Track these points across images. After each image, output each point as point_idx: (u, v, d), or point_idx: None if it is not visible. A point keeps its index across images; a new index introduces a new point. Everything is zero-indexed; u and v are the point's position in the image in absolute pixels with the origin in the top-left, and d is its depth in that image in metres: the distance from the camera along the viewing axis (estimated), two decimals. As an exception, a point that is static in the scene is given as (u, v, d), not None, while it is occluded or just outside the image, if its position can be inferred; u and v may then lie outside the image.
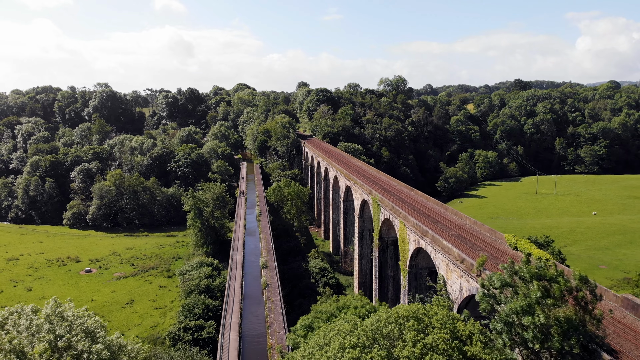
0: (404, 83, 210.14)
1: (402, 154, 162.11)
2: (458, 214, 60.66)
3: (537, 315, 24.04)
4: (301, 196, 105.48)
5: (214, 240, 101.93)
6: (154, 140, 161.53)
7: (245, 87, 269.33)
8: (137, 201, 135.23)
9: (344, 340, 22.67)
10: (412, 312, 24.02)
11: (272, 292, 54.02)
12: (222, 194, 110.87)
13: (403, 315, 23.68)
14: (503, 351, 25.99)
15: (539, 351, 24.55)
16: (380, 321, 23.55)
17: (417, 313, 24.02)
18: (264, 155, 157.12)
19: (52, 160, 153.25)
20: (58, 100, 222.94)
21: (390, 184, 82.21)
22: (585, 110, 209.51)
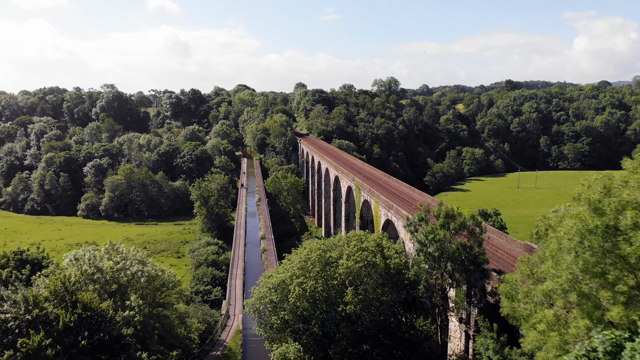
0: (397, 84, 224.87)
1: (393, 150, 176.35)
2: (422, 194, 74.97)
3: (438, 233, 38.12)
4: (296, 186, 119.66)
5: (218, 226, 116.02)
6: (160, 138, 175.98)
7: (245, 88, 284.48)
8: (146, 193, 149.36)
9: (312, 247, 37.00)
10: (356, 234, 38.31)
11: (269, 255, 68.20)
12: (225, 185, 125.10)
13: (350, 235, 37.95)
14: (420, 264, 40.06)
15: (439, 258, 38.57)
16: (335, 239, 37.84)
17: (359, 235, 38.30)
18: (263, 151, 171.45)
19: (65, 156, 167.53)
20: (66, 101, 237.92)
21: (372, 173, 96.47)
22: (569, 110, 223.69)
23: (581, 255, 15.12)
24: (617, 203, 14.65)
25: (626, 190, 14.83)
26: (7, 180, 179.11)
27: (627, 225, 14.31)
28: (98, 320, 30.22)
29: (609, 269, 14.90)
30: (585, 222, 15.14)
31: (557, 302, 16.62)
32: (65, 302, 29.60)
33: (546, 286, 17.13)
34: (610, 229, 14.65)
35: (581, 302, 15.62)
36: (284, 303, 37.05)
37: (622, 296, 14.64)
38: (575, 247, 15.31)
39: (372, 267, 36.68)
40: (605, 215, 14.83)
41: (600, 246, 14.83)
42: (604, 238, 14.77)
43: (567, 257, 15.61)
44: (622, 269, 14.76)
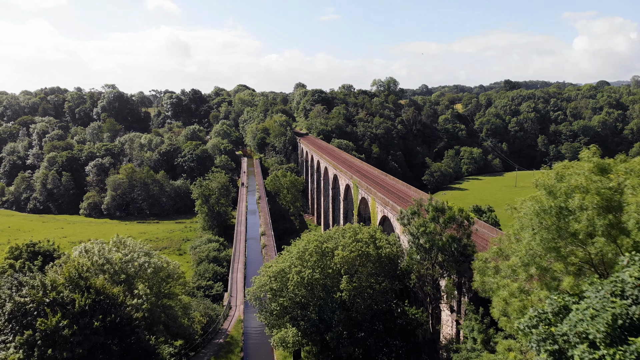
0: (395, 84, 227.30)
1: (391, 150, 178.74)
2: (418, 191, 77.32)
3: (429, 226, 40.51)
4: (296, 185, 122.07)
5: (219, 224, 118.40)
6: (161, 137, 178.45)
7: (245, 88, 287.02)
8: (148, 192, 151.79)
9: (309, 239, 39.43)
10: (351, 227, 40.75)
11: (269, 250, 70.58)
12: (226, 184, 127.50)
13: (345, 227, 40.37)
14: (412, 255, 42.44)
15: (430, 250, 40.96)
16: (331, 231, 40.25)
17: (354, 227, 40.74)
18: (263, 151, 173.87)
19: (67, 156, 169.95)
20: (68, 101, 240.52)
21: (369, 172, 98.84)
22: (567, 110, 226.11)
23: (538, 233, 17.50)
24: (566, 187, 17.03)
25: (575, 176, 17.20)
26: (10, 179, 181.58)
27: (575, 206, 16.67)
28: (110, 304, 32.64)
29: (562, 244, 17.28)
30: (541, 204, 17.54)
31: (520, 275, 19.01)
32: (79, 287, 32.01)
33: (511, 261, 19.56)
34: (562, 210, 17.03)
35: (540, 274, 18.01)
36: (283, 290, 39.46)
37: (573, 267, 17.00)
38: (533, 226, 17.70)
39: (365, 256, 39.10)
40: (557, 198, 17.23)
41: (553, 224, 17.21)
42: (557, 217, 17.16)
43: (526, 234, 18.00)
44: (572, 244, 17.13)
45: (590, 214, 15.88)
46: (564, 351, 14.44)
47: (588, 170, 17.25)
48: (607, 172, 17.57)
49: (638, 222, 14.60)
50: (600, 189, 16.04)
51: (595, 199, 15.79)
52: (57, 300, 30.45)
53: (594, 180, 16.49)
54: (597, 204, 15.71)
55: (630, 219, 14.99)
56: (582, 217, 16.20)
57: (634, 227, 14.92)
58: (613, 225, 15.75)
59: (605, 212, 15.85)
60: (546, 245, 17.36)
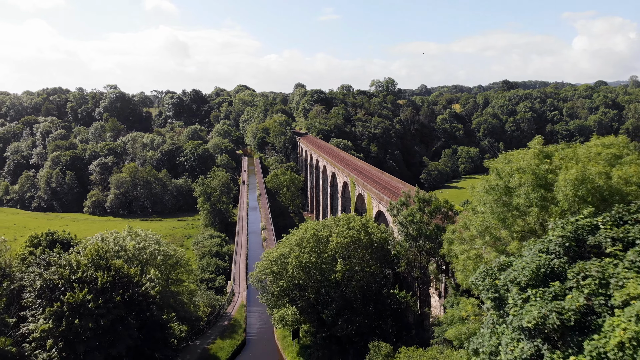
0: (394, 84, 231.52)
1: (390, 149, 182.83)
2: (412, 187, 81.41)
3: (416, 216, 44.58)
4: (295, 183, 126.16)
5: (220, 221, 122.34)
6: (163, 137, 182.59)
7: (246, 88, 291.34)
8: (150, 190, 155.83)
9: (307, 227, 43.55)
10: (345, 216, 44.84)
11: (270, 243, 74.66)
12: (227, 182, 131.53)
13: (340, 217, 44.45)
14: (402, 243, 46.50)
15: (417, 237, 45.00)
16: (327, 220, 44.32)
17: (347, 217, 44.84)
18: (263, 150, 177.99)
19: (71, 155, 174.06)
20: (70, 101, 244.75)
21: (366, 169, 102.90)
22: (563, 109, 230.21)
23: (489, 207, 21.53)
24: (509, 169, 21.06)
25: (517, 160, 21.26)
26: (14, 178, 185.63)
27: (515, 184, 20.71)
28: (127, 282, 36.70)
29: (507, 215, 21.29)
30: (490, 183, 21.58)
31: (477, 242, 23.03)
32: (100, 266, 36.08)
33: (470, 232, 23.57)
34: (507, 187, 21.08)
35: (493, 242, 22.02)
36: (283, 274, 43.54)
37: (516, 234, 21.02)
38: (485, 201, 21.73)
39: (357, 242, 43.17)
40: (502, 178, 21.27)
41: (500, 199, 21.24)
42: (503, 194, 21.18)
43: (481, 208, 22.02)
44: (515, 215, 21.16)
45: (527, 189, 19.93)
46: (503, 298, 18.59)
47: (532, 156, 21.31)
48: (550, 157, 21.63)
49: (564, 194, 18.63)
50: (535, 170, 20.06)
51: (530, 177, 19.81)
52: (82, 277, 34.52)
53: (531, 163, 20.55)
54: (532, 181, 19.75)
55: (559, 192, 18.99)
56: (521, 192, 20.26)
57: (562, 199, 18.94)
58: (545, 198, 19.78)
59: (539, 187, 19.86)
60: (496, 217, 21.41)
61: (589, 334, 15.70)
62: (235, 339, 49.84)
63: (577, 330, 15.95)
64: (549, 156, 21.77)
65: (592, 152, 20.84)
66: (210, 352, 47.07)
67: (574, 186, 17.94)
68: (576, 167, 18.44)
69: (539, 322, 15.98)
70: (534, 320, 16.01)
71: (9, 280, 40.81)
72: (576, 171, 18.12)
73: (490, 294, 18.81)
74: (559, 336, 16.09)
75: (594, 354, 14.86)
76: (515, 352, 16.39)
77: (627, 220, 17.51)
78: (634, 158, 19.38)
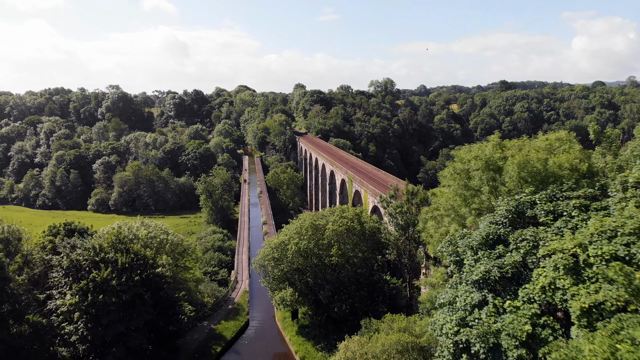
0: (392, 85, 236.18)
1: (388, 149, 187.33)
2: (400, 181, 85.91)
3: (404, 207, 49.09)
4: (295, 180, 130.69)
5: (222, 218, 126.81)
6: (165, 136, 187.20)
7: (246, 88, 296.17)
8: (153, 189, 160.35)
9: (305, 218, 48.12)
10: (339, 207, 49.41)
11: (270, 236, 79.06)
12: (228, 180, 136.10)
13: (335, 208, 49.02)
14: (390, 231, 51.03)
15: (406, 227, 49.48)
16: (324, 211, 48.87)
17: (342, 208, 49.42)
18: (264, 149, 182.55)
19: (75, 154, 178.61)
20: (73, 101, 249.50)
21: (363, 167, 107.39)
22: (560, 109, 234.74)
23: (453, 188, 26.08)
24: (469, 156, 25.64)
25: (475, 150, 25.86)
26: (18, 177, 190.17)
27: (472, 168, 25.26)
28: (144, 264, 41.22)
29: (467, 195, 25.83)
30: (455, 168, 26.13)
31: (445, 220, 27.58)
32: (120, 249, 40.61)
33: (440, 211, 28.12)
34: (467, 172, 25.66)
35: (456, 218, 26.55)
36: (283, 259, 48.04)
37: (474, 211, 25.57)
38: (450, 184, 26.28)
39: (351, 230, 47.70)
40: (464, 164, 25.82)
41: (462, 181, 25.78)
42: (465, 177, 25.73)
43: (446, 190, 26.54)
44: (472, 195, 25.71)
45: (480, 172, 24.50)
46: (462, 260, 23.16)
47: (490, 146, 25.93)
48: (504, 148, 26.27)
49: (510, 176, 23.18)
50: (488, 157, 24.62)
51: (483, 163, 24.38)
52: (104, 258, 39.07)
53: (486, 151, 25.16)
54: (484, 166, 24.34)
55: (507, 174, 23.55)
56: (476, 175, 24.86)
57: (508, 180, 23.47)
58: (495, 179, 24.34)
59: (489, 171, 24.41)
60: (459, 197, 25.95)
61: (522, 283, 20.28)
62: (239, 320, 54.38)
63: (514, 281, 20.54)
64: (504, 147, 26.41)
65: (539, 143, 25.45)
66: (217, 332, 51.57)
67: (518, 169, 22.48)
68: (520, 154, 23.00)
69: (484, 275, 20.56)
70: (481, 274, 20.60)
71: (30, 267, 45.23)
72: (520, 157, 22.67)
73: (452, 257, 23.40)
74: (500, 286, 20.67)
75: (525, 298, 19.41)
76: (467, 300, 20.96)
77: (558, 197, 22.06)
78: (566, 148, 23.92)
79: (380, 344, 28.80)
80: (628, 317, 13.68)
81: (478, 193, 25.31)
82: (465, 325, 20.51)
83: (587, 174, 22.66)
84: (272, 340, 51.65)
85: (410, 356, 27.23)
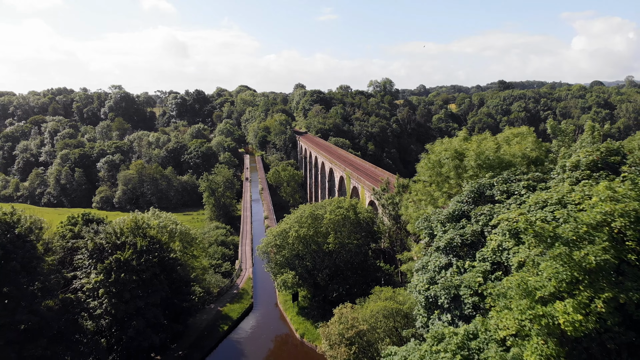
0: (391, 85, 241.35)
1: (386, 148, 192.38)
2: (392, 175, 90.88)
3: (395, 198, 54.08)
4: (295, 178, 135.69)
5: (224, 214, 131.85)
6: (168, 136, 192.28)
7: (247, 88, 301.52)
8: (157, 187, 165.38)
9: (305, 208, 53.15)
10: (336, 199, 54.42)
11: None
12: (230, 178, 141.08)
13: (332, 200, 54.04)
14: (383, 221, 56.03)
15: (397, 217, 54.44)
16: (323, 202, 53.87)
17: (338, 199, 54.42)
18: (264, 148, 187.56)
19: (80, 153, 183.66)
20: (76, 101, 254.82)
21: (361, 164, 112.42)
22: (557, 109, 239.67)
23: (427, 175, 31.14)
24: (439, 148, 30.68)
25: (446, 143, 30.98)
26: (24, 175, 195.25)
27: (442, 158, 30.34)
28: (159, 247, 46.20)
29: (439, 180, 30.86)
30: (428, 159, 31.23)
31: (422, 203, 32.57)
32: (138, 234, 45.59)
33: (418, 196, 33.18)
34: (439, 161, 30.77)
35: (431, 201, 31.56)
36: (284, 245, 53.03)
37: (444, 194, 30.61)
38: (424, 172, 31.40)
39: (347, 219, 52.68)
40: (435, 155, 30.90)
41: (434, 169, 30.82)
42: (437, 165, 30.80)
43: (423, 178, 31.58)
44: (443, 180, 30.76)
45: (448, 161, 29.58)
46: (433, 232, 28.16)
47: (458, 140, 31.01)
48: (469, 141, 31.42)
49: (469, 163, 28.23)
50: (454, 148, 29.70)
51: (450, 153, 29.49)
52: (125, 242, 44.07)
53: (454, 144, 30.24)
54: (451, 155, 29.47)
55: (469, 162, 28.60)
56: (445, 163, 29.95)
57: (469, 166, 28.51)
58: (460, 167, 29.40)
59: (455, 159, 29.44)
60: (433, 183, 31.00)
61: (479, 248, 25.28)
62: (244, 303, 59.36)
63: (473, 247, 25.55)
64: (469, 140, 31.56)
65: (499, 137, 30.53)
66: (223, 313, 56.51)
67: (475, 158, 27.54)
68: (472, 144, 28.09)
69: (449, 242, 25.57)
70: (446, 241, 25.60)
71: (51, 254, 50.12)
72: (476, 148, 27.72)
73: (426, 231, 28.41)
74: (462, 251, 25.67)
75: (480, 259, 24.38)
76: (436, 263, 25.96)
77: (512, 179, 27.06)
78: (520, 140, 28.95)
79: (369, 310, 33.74)
80: (543, 259, 18.52)
81: (447, 179, 30.35)
82: (434, 283, 25.51)
83: (537, 161, 27.65)
84: (275, 320, 56.64)
85: (394, 320, 32.11)
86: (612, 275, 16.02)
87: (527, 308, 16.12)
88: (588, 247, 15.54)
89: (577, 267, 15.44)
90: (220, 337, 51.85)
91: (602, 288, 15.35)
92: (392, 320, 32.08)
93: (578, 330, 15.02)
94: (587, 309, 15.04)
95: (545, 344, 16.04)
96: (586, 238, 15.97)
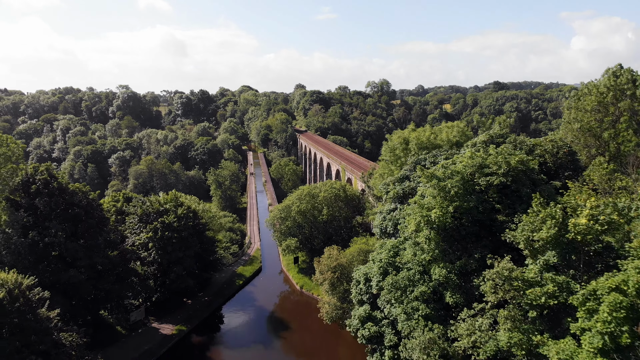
0: (388, 85, 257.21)
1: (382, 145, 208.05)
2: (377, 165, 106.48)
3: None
4: (296, 172, 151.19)
5: (231, 205, 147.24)
6: (175, 133, 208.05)
7: (249, 89, 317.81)
8: (165, 181, 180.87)
9: (303, 188, 68.78)
10: (329, 181, 70.04)
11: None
12: (235, 172, 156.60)
13: (325, 182, 69.64)
14: (368, 198, 71.52)
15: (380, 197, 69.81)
16: (318, 184, 69.40)
17: (331, 182, 70.03)
18: (267, 146, 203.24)
19: (92, 149, 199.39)
20: (85, 100, 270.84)
21: (355, 159, 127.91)
22: (547, 109, 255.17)
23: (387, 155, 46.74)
24: (396, 137, 46.25)
25: (400, 133, 46.72)
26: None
27: (395, 144, 45.99)
28: (193, 215, 61.72)
29: (393, 158, 46.43)
30: (388, 145, 46.89)
31: (384, 176, 48.29)
32: (176, 204, 61.10)
33: (380, 171, 48.93)
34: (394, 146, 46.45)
35: (389, 173, 47.20)
36: (287, 217, 68.50)
37: (398, 168, 46.29)
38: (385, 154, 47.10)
39: (337, 196, 68.16)
40: (393, 142, 46.64)
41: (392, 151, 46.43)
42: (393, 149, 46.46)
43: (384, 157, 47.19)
44: (396, 158, 46.40)
45: (400, 145, 45.15)
46: (388, 190, 43.76)
47: (407, 131, 46.59)
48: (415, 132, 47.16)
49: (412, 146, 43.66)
50: (403, 136, 45.32)
51: (400, 140, 45.12)
52: (167, 209, 59.62)
53: (404, 134, 45.93)
54: (400, 141, 45.15)
55: (412, 145, 44.14)
56: (396, 146, 45.65)
57: (412, 148, 44.02)
58: (406, 149, 45.02)
59: (403, 143, 45.06)
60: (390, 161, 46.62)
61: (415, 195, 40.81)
62: (255, 266, 74.99)
63: (410, 196, 41.07)
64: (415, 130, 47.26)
65: (436, 128, 46.15)
66: (238, 272, 72.13)
67: (416, 142, 43.08)
68: (415, 134, 43.62)
69: (395, 194, 41.09)
70: (394, 193, 41.13)
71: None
72: (415, 134, 43.23)
73: (383, 189, 43.95)
74: (404, 199, 41.21)
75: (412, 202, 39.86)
76: (385, 207, 41.45)
77: (438, 155, 42.54)
78: (450, 131, 44.50)
79: (349, 252, 49.09)
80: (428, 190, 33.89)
81: (399, 157, 45.92)
82: (385, 220, 41.01)
83: (457, 144, 43.22)
84: (280, 278, 72.22)
85: (365, 255, 47.40)
86: (464, 196, 31.54)
87: (419, 214, 31.67)
88: (448, 181, 31.06)
89: (443, 191, 30.97)
90: (237, 289, 67.37)
91: (455, 201, 30.84)
92: (363, 255, 47.30)
93: (442, 222, 30.52)
94: (445, 211, 30.55)
95: (430, 232, 31.58)
96: (449, 177, 31.48)
